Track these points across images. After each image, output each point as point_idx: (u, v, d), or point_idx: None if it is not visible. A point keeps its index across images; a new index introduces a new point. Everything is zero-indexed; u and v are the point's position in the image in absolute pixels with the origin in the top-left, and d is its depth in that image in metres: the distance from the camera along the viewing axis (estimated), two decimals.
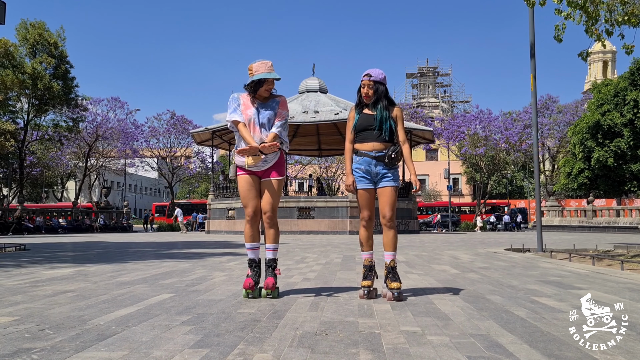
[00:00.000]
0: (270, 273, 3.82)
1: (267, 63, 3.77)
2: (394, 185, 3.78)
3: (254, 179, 3.85)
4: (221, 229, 26.06)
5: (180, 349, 2.27)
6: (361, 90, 3.85)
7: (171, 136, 47.13)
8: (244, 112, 3.82)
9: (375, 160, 3.76)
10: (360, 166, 3.79)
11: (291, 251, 10.00)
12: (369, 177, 3.79)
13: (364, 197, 3.80)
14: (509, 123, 42.96)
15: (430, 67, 75.15)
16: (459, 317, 3.06)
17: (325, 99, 27.60)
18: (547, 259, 7.92)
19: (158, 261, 7.40)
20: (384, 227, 3.79)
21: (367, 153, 3.76)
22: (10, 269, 6.28)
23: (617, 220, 31.99)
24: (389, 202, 3.74)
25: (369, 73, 3.84)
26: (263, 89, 3.78)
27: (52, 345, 2.33)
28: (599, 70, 73.48)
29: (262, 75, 3.72)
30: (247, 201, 3.85)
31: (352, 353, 2.22)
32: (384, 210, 3.75)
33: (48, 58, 34.73)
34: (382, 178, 3.78)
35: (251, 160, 3.74)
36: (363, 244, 3.85)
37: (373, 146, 3.77)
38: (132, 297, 3.83)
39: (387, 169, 3.77)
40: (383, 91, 3.83)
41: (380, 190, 3.79)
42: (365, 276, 3.79)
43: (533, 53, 9.29)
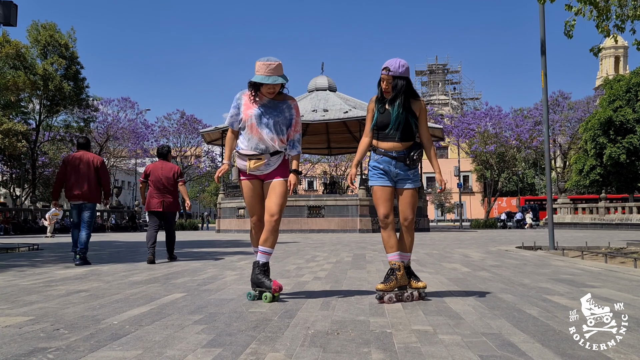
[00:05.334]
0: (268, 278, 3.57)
1: (271, 65, 3.50)
2: (415, 187, 3.62)
3: (255, 184, 3.69)
4: (231, 228, 26.18)
5: (193, 349, 2.29)
6: (381, 85, 3.60)
7: (181, 136, 47.43)
8: (244, 112, 3.62)
9: (395, 160, 3.57)
10: (378, 165, 3.60)
11: (302, 250, 10.02)
12: (387, 176, 3.60)
13: (381, 195, 3.59)
14: (520, 120, 42.68)
15: (440, 64, 74.84)
16: (471, 316, 3.05)
17: (335, 98, 27.58)
18: (559, 256, 7.87)
19: (170, 261, 7.44)
20: (404, 228, 3.64)
21: (386, 152, 3.57)
22: (24, 268, 6.35)
23: (629, 217, 31.65)
24: (410, 204, 3.60)
25: (387, 66, 3.51)
26: (264, 91, 3.57)
27: (67, 344, 2.36)
28: (610, 66, 72.76)
29: (258, 79, 3.51)
30: (251, 208, 3.72)
31: (363, 352, 2.22)
32: (405, 212, 3.61)
33: (59, 59, 35.05)
34: (403, 179, 3.60)
35: (253, 164, 3.60)
36: (385, 245, 3.62)
37: (393, 146, 3.56)
38: (144, 296, 3.86)
39: (408, 169, 3.60)
40: (403, 86, 3.52)
41: (401, 192, 3.62)
42: (384, 279, 3.57)
43: (544, 50, 9.21)
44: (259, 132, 3.57)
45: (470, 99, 72.29)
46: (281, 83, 3.55)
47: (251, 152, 3.61)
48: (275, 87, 3.57)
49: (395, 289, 3.53)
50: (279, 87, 3.60)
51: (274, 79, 3.50)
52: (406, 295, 3.55)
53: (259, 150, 3.59)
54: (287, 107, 3.66)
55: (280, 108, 3.65)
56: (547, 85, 9.32)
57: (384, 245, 3.61)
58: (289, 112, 3.67)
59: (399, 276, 3.52)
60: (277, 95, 3.65)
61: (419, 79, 74.65)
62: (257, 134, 3.58)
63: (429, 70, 74.54)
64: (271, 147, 3.60)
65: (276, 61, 3.53)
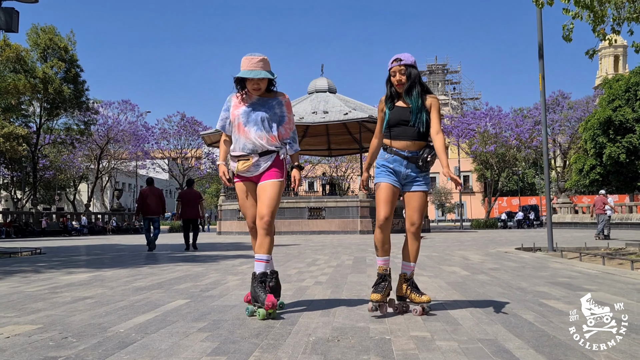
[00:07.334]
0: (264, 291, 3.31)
1: (254, 59, 3.36)
2: (425, 190, 3.43)
3: (249, 186, 3.54)
4: (232, 230, 26.26)
5: (199, 357, 2.36)
6: (392, 80, 3.39)
7: (181, 137, 47.58)
8: (232, 112, 3.51)
9: (407, 161, 3.36)
10: (388, 164, 3.39)
11: (302, 253, 10.10)
12: (396, 177, 3.40)
13: (385, 192, 3.37)
14: (520, 120, 42.78)
15: (440, 64, 75.01)
16: (468, 321, 3.13)
17: (335, 99, 27.68)
18: (557, 258, 7.94)
19: (172, 265, 7.53)
20: (410, 235, 3.42)
21: (398, 152, 3.36)
22: (28, 274, 6.43)
23: (629, 217, 31.69)
24: (419, 208, 3.39)
25: (398, 57, 3.36)
26: (249, 87, 3.42)
27: (76, 353, 2.44)
28: (610, 65, 72.84)
29: (242, 74, 3.37)
30: (244, 211, 3.59)
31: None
32: (413, 217, 3.39)
33: (58, 62, 35.19)
34: (413, 181, 3.40)
35: (241, 165, 3.47)
36: (378, 248, 3.40)
37: (406, 145, 3.36)
38: (148, 303, 3.93)
39: (419, 171, 3.40)
40: (417, 75, 3.37)
41: (409, 195, 3.41)
42: (375, 287, 3.38)
43: (541, 54, 9.29)
44: (245, 131, 3.44)
45: (470, 98, 72.45)
46: (265, 78, 3.38)
47: (239, 152, 3.48)
48: (260, 83, 3.40)
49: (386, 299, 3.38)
50: (265, 83, 3.43)
51: (256, 73, 3.34)
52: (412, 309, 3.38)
53: (247, 151, 3.45)
54: (277, 104, 3.51)
55: (270, 104, 3.50)
56: (544, 88, 9.39)
57: (377, 247, 3.40)
58: (280, 109, 3.52)
59: (390, 282, 3.39)
60: (267, 92, 3.52)
61: None
62: (244, 133, 3.45)
63: (428, 71, 74.68)
64: (260, 146, 3.43)
65: (260, 55, 3.39)
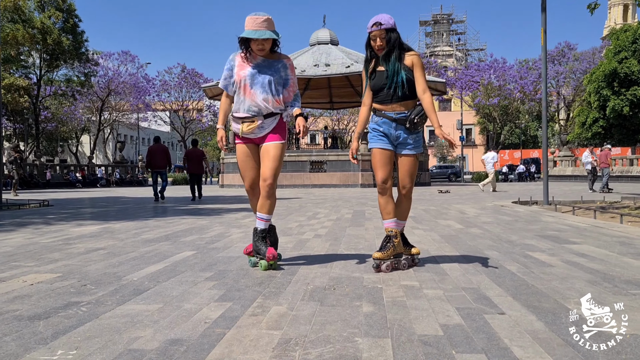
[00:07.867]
0: (265, 244, 3.52)
1: (258, 18, 3.35)
2: (415, 153, 3.48)
3: (251, 148, 3.57)
4: (235, 183, 26.57)
5: (207, 302, 2.61)
6: (371, 44, 3.42)
7: (182, 90, 47.28)
8: (237, 73, 3.48)
9: (396, 122, 3.41)
10: (378, 127, 3.45)
11: (304, 206, 10.37)
12: (388, 139, 3.46)
13: (379, 157, 3.45)
14: (524, 72, 42.30)
15: (445, 14, 73.30)
16: (455, 272, 3.37)
17: (337, 51, 27.35)
18: (551, 212, 8.18)
19: (177, 218, 7.80)
20: (402, 196, 3.55)
21: (386, 114, 3.41)
22: (40, 226, 6.71)
23: (630, 170, 31.88)
24: (410, 172, 3.47)
25: (378, 21, 3.35)
26: (253, 47, 3.41)
27: (96, 299, 2.69)
28: (619, 15, 71.11)
29: (246, 34, 3.35)
30: (244, 172, 3.61)
31: (355, 305, 2.54)
32: (404, 180, 3.49)
33: (56, 12, 34.62)
34: (403, 145, 3.45)
35: (246, 127, 3.49)
36: (381, 212, 3.50)
37: (393, 107, 3.39)
38: (158, 254, 4.19)
39: (409, 133, 3.44)
40: (396, 39, 3.38)
41: (400, 159, 3.48)
42: (380, 247, 3.48)
43: (544, 6, 9.21)
44: (251, 93, 3.44)
45: (475, 49, 71.21)
46: (270, 38, 3.37)
47: (244, 114, 3.48)
48: (265, 44, 3.40)
49: (391, 257, 3.44)
50: (269, 44, 3.43)
51: (261, 34, 3.33)
52: (402, 263, 3.48)
53: (252, 113, 3.46)
54: (282, 67, 3.51)
55: (276, 67, 3.49)
56: (546, 43, 9.37)
57: (381, 211, 3.51)
58: (285, 72, 3.52)
59: (396, 243, 3.45)
60: (272, 54, 3.51)
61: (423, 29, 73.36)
62: (250, 95, 3.45)
63: (433, 21, 73.11)
64: (264, 108, 3.45)
65: (264, 15, 3.38)
